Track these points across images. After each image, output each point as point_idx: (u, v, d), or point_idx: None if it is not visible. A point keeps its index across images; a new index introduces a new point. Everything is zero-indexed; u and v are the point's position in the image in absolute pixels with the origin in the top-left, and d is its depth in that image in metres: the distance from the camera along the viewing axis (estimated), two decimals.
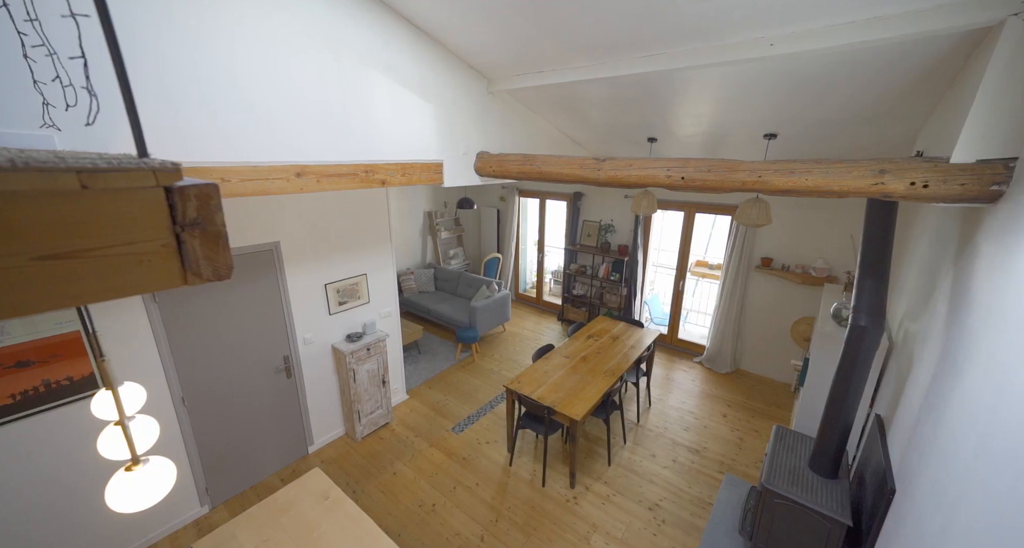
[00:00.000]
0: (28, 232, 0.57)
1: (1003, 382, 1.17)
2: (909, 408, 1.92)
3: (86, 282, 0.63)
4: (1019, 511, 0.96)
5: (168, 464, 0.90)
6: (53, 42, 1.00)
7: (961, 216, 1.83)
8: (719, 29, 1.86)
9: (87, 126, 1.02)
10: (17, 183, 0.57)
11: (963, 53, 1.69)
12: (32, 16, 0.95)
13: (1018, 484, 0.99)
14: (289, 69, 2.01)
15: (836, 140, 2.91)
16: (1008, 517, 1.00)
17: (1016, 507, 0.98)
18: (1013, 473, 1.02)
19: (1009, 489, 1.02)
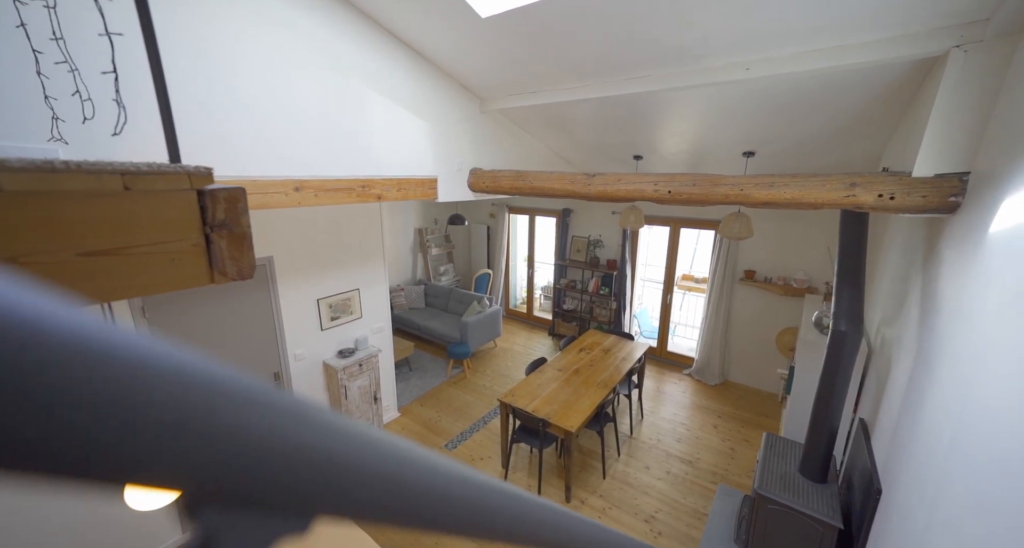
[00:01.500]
0: (75, 229, 0.61)
1: (970, 378, 1.26)
2: (890, 410, 2.01)
3: (123, 278, 0.67)
4: (994, 496, 1.03)
5: None
6: (76, 59, 1.05)
7: (926, 226, 1.97)
8: (699, 54, 2.01)
9: (114, 136, 1.06)
10: (68, 183, 0.61)
11: (918, 78, 1.86)
12: (58, 35, 1.00)
13: (990, 470, 1.06)
14: (288, 85, 2.07)
15: (809, 158, 3.09)
16: (984, 503, 1.06)
17: (991, 492, 1.04)
18: (984, 460, 1.09)
19: (982, 476, 1.09)
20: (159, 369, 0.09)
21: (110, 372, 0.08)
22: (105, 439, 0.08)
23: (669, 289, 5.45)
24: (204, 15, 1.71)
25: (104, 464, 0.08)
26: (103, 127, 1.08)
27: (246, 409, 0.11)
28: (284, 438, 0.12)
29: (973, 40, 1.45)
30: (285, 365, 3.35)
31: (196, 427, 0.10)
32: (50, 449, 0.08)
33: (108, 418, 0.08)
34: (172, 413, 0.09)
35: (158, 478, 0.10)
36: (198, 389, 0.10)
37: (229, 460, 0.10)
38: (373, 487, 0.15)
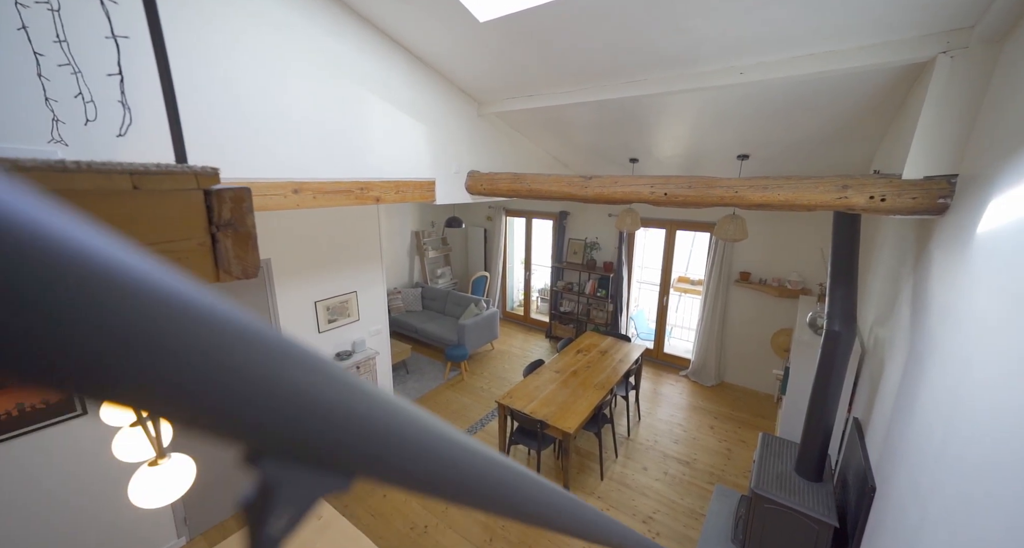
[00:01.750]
0: None
1: (960, 375, 1.28)
2: (883, 409, 2.04)
3: None
4: (984, 491, 1.05)
5: (188, 460, 0.91)
6: (79, 62, 1.06)
7: (916, 228, 2.00)
8: (694, 59, 2.05)
9: (119, 137, 1.06)
10: (79, 182, 0.63)
11: (907, 82, 1.90)
12: (62, 38, 1.01)
13: (982, 465, 1.08)
14: (287, 88, 2.08)
15: (803, 160, 3.14)
16: (975, 498, 1.08)
17: (981, 488, 1.06)
18: (977, 456, 1.11)
19: (972, 473, 1.11)
20: (247, 336, 0.11)
21: (213, 336, 0.10)
22: (206, 396, 0.10)
23: (665, 291, 5.48)
24: (203, 17, 1.72)
25: (207, 423, 0.10)
26: (105, 129, 1.09)
27: (306, 374, 0.12)
28: (337, 403, 0.13)
29: (959, 46, 1.49)
30: None
31: (266, 387, 0.11)
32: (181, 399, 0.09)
33: (214, 375, 0.09)
34: (251, 375, 0.11)
35: (233, 431, 0.11)
36: (270, 354, 0.12)
37: (291, 419, 0.12)
38: (407, 455, 0.16)
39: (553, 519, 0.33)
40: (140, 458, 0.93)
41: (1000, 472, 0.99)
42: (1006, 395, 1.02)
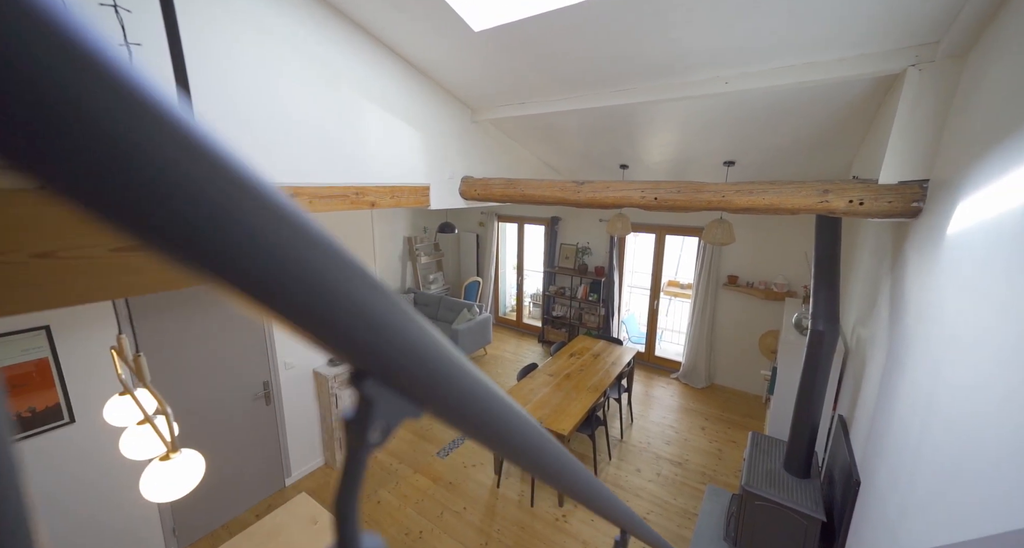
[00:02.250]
0: (102, 228, 0.64)
1: (935, 369, 1.35)
2: (866, 405, 2.11)
3: (149, 274, 0.70)
4: (958, 478, 1.11)
5: (197, 456, 0.92)
6: None
7: (893, 230, 2.10)
8: (681, 68, 2.13)
9: None
10: None
11: (881, 93, 2.00)
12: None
13: (954, 454, 1.14)
14: (283, 93, 2.11)
15: (786, 167, 3.25)
16: (949, 486, 1.14)
17: (955, 475, 1.12)
18: (949, 446, 1.17)
19: (947, 460, 1.17)
20: (376, 288, 0.15)
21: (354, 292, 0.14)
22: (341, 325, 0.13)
23: (656, 295, 5.57)
24: (199, 23, 1.75)
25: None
26: None
27: (405, 322, 0.16)
28: (423, 347, 0.17)
29: (926, 60, 1.59)
30: (275, 374, 3.31)
31: (377, 324, 0.15)
32: None
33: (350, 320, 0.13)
34: (369, 313, 0.14)
35: (349, 352, 0.15)
36: (383, 303, 0.15)
37: (392, 353, 0.16)
38: (464, 400, 0.20)
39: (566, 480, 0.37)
40: (147, 455, 0.93)
41: (972, 460, 1.05)
42: (977, 385, 1.08)
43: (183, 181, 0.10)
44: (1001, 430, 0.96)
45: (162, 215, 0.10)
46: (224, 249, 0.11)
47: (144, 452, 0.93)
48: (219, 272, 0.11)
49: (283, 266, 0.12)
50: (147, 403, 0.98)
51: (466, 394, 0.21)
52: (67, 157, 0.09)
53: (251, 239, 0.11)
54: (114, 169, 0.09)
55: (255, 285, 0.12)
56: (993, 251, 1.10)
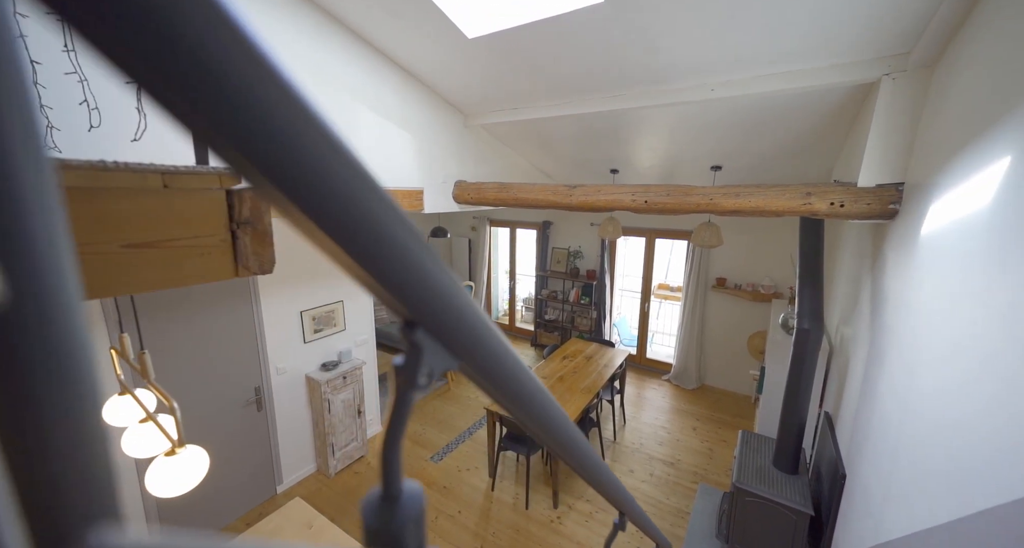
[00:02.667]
0: (120, 223, 0.67)
1: (913, 363, 1.41)
2: (850, 401, 2.18)
3: (159, 270, 0.72)
4: (935, 462, 1.16)
5: (202, 451, 0.92)
6: (87, 70, 1.10)
7: (872, 231, 2.18)
8: (669, 76, 2.20)
9: (133, 141, 1.09)
10: (116, 181, 0.67)
11: (858, 100, 2.10)
12: (70, 47, 1.05)
13: (929, 441, 1.20)
14: None
15: (771, 171, 3.35)
16: (926, 472, 1.19)
17: (931, 461, 1.18)
18: (925, 433, 1.23)
19: (924, 447, 1.23)
20: (426, 252, 0.18)
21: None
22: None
23: (646, 298, 5.64)
24: None
25: None
26: (108, 135, 1.12)
27: (449, 285, 0.19)
28: (463, 304, 0.20)
29: (898, 70, 1.68)
30: (267, 380, 3.28)
31: (431, 280, 0.18)
32: None
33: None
34: (419, 269, 0.18)
35: (402, 302, 0.18)
36: (432, 265, 0.18)
37: (440, 306, 0.19)
38: (493, 360, 0.23)
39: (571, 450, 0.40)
40: (150, 453, 0.94)
41: (945, 445, 1.10)
42: (951, 375, 1.14)
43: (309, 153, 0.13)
44: (965, 416, 1.01)
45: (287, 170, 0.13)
46: (329, 204, 0.14)
47: (147, 450, 0.94)
48: (322, 219, 0.14)
49: (372, 227, 0.15)
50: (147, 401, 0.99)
51: (494, 354, 0.24)
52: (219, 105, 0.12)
53: (348, 201, 0.14)
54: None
55: (346, 235, 0.15)
56: (963, 249, 1.17)
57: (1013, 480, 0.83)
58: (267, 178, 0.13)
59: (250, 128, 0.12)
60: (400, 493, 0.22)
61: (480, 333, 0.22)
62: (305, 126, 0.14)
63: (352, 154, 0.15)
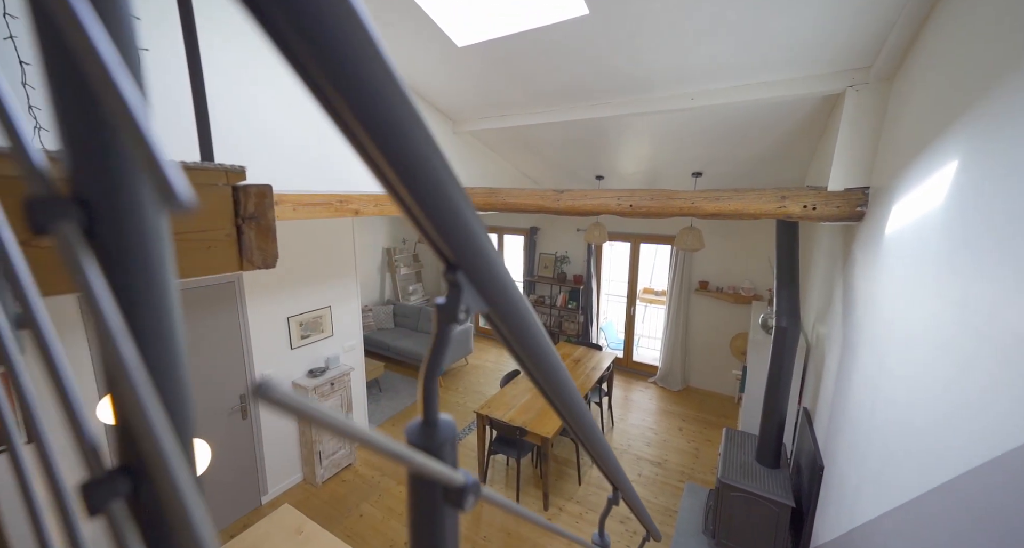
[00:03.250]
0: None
1: (882, 353, 1.51)
2: (827, 395, 2.28)
3: None
4: (901, 443, 1.24)
5: (203, 443, 0.92)
6: None
7: (843, 233, 2.31)
8: (651, 85, 2.30)
9: None
10: None
11: (827, 110, 2.23)
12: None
13: (899, 424, 1.28)
14: (265, 101, 2.14)
15: (748, 178, 3.50)
16: (895, 453, 1.27)
17: (899, 441, 1.26)
18: (895, 415, 1.31)
19: (894, 433, 1.31)
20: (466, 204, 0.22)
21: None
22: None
23: (632, 302, 5.75)
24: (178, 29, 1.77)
25: None
26: None
27: (484, 238, 0.24)
28: (492, 257, 0.24)
29: (861, 82, 1.81)
30: (252, 387, 3.22)
31: (472, 231, 0.23)
32: None
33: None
34: (464, 221, 0.22)
35: (447, 243, 0.22)
36: (473, 219, 0.23)
37: (477, 253, 0.23)
38: (514, 311, 0.28)
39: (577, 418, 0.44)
40: None
41: (912, 428, 1.18)
42: (914, 363, 1.23)
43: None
44: (925, 398, 1.09)
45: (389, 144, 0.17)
46: (411, 161, 0.18)
47: None
48: (404, 172, 0.18)
49: (435, 180, 0.20)
50: None
51: (515, 306, 0.28)
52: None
53: (422, 159, 0.19)
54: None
55: (418, 185, 0.19)
56: (920, 247, 1.27)
57: (964, 454, 0.91)
58: (376, 144, 0.18)
59: (371, 111, 0.17)
60: (437, 420, 0.26)
61: (505, 283, 0.27)
62: (401, 101, 0.18)
63: (427, 128, 0.19)
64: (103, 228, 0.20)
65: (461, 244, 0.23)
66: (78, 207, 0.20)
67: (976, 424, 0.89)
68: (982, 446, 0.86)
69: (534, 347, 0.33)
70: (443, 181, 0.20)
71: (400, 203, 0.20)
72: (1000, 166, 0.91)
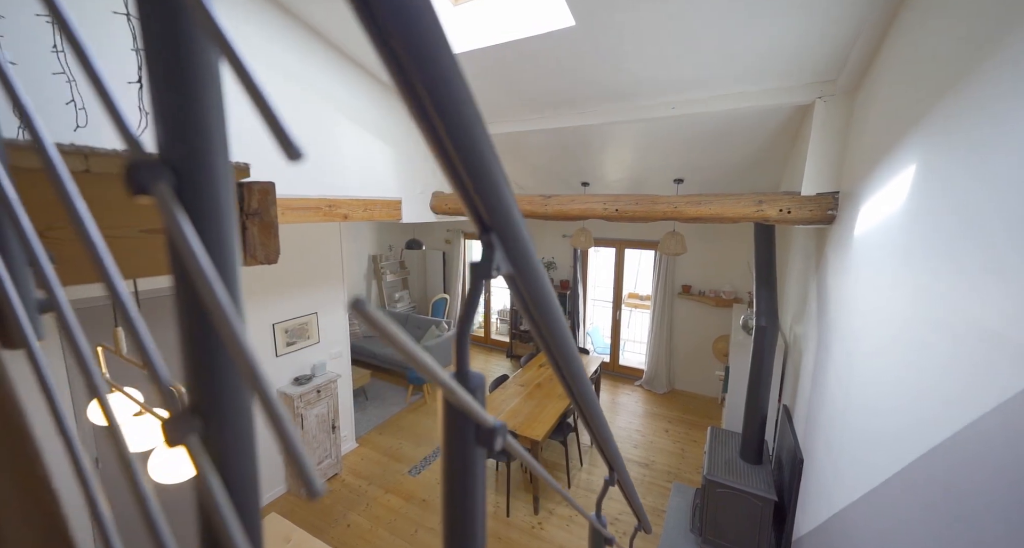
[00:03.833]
0: (140, 209, 0.71)
1: (852, 349, 1.59)
2: (804, 392, 2.37)
3: None
4: (871, 430, 1.32)
5: None
6: (75, 71, 1.11)
7: (816, 236, 2.43)
8: (634, 94, 2.40)
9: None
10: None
11: (798, 119, 2.36)
12: (59, 48, 1.07)
13: (869, 412, 1.36)
14: None
15: (727, 184, 3.64)
16: (865, 438, 1.35)
17: (869, 428, 1.33)
18: (864, 403, 1.39)
19: (864, 419, 1.38)
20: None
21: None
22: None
23: (618, 306, 5.84)
24: None
25: None
26: (94, 134, 1.12)
27: (515, 205, 0.28)
28: (521, 225, 0.28)
29: (829, 94, 1.93)
30: None
31: (504, 198, 0.26)
32: None
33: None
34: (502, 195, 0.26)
35: (483, 205, 0.26)
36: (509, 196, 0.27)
37: (508, 220, 0.27)
38: (535, 278, 0.32)
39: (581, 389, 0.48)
40: (145, 447, 0.92)
41: (880, 415, 1.26)
42: (880, 353, 1.31)
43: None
44: (887, 389, 1.17)
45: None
46: (461, 129, 0.22)
47: (145, 443, 0.92)
48: (458, 139, 0.22)
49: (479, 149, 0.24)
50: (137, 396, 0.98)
51: (536, 271, 0.32)
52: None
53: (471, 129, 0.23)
54: None
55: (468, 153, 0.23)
56: (882, 245, 1.36)
57: (924, 435, 0.98)
58: (442, 119, 0.21)
59: (445, 100, 0.21)
60: (469, 371, 0.30)
61: (528, 249, 0.30)
62: (468, 99, 0.22)
63: (484, 122, 0.23)
64: (188, 188, 0.23)
65: (495, 210, 0.26)
66: (170, 171, 0.23)
67: (933, 407, 0.96)
68: (938, 427, 0.93)
69: (550, 312, 0.36)
70: (487, 155, 0.24)
71: (452, 173, 0.24)
72: (949, 170, 1.01)
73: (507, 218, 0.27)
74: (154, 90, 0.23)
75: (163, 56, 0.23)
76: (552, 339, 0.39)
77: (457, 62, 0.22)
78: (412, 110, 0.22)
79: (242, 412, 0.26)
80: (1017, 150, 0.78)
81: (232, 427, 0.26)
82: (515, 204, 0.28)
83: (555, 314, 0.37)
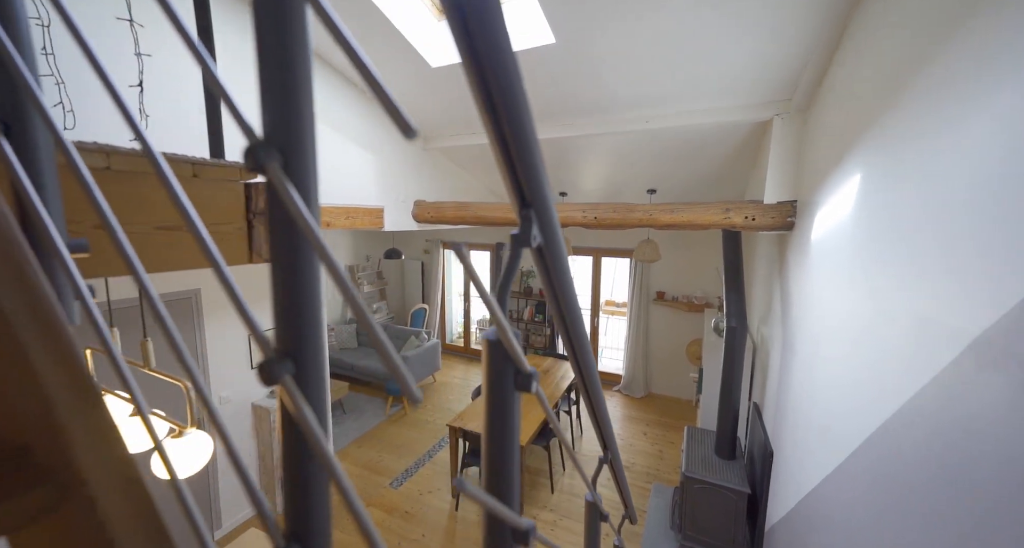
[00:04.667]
0: (156, 207, 0.73)
1: (814, 346, 1.73)
2: (772, 389, 2.52)
3: (186, 252, 0.78)
4: (830, 417, 1.44)
5: (206, 436, 0.90)
6: (64, 74, 1.11)
7: (778, 242, 2.62)
8: (610, 108, 2.54)
9: (130, 141, 1.09)
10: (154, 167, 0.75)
11: (759, 134, 2.56)
12: (48, 51, 1.07)
13: (830, 408, 1.48)
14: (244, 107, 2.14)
15: (696, 191, 3.85)
16: (827, 425, 1.47)
17: (829, 416, 1.45)
18: (826, 395, 1.52)
19: (824, 408, 1.51)
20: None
21: None
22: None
23: (595, 313, 5.98)
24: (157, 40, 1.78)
25: None
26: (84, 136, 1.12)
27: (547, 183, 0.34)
28: (550, 203, 0.35)
29: (785, 112, 2.12)
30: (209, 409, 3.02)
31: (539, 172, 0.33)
32: None
33: None
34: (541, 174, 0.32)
35: (525, 181, 0.32)
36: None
37: (543, 198, 0.33)
38: (559, 253, 0.38)
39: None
40: (142, 447, 0.91)
41: (837, 403, 1.38)
42: (838, 348, 1.44)
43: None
44: (844, 380, 1.30)
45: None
46: (515, 112, 0.28)
47: (138, 444, 0.91)
48: (516, 128, 0.28)
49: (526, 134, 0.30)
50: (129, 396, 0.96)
51: (559, 247, 0.38)
52: None
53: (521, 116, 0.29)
54: None
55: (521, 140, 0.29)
56: (837, 248, 1.51)
57: (876, 414, 1.09)
58: (506, 111, 0.28)
59: (510, 103, 0.27)
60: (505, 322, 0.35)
61: (556, 225, 0.37)
62: (518, 82, 0.28)
63: (529, 107, 0.30)
64: (293, 166, 0.28)
65: (534, 188, 0.33)
66: (278, 152, 0.28)
67: (882, 386, 1.08)
68: (886, 405, 1.04)
69: (567, 284, 0.43)
70: (532, 144, 0.31)
71: (505, 156, 0.30)
72: (888, 178, 1.15)
73: (543, 196, 0.34)
74: (263, 83, 0.28)
75: (274, 58, 0.28)
76: (567, 309, 0.45)
77: (520, 75, 0.28)
78: (482, 107, 0.28)
79: (321, 356, 0.31)
80: (937, 161, 0.92)
81: (316, 368, 0.31)
82: (549, 185, 0.34)
83: (571, 286, 0.43)
